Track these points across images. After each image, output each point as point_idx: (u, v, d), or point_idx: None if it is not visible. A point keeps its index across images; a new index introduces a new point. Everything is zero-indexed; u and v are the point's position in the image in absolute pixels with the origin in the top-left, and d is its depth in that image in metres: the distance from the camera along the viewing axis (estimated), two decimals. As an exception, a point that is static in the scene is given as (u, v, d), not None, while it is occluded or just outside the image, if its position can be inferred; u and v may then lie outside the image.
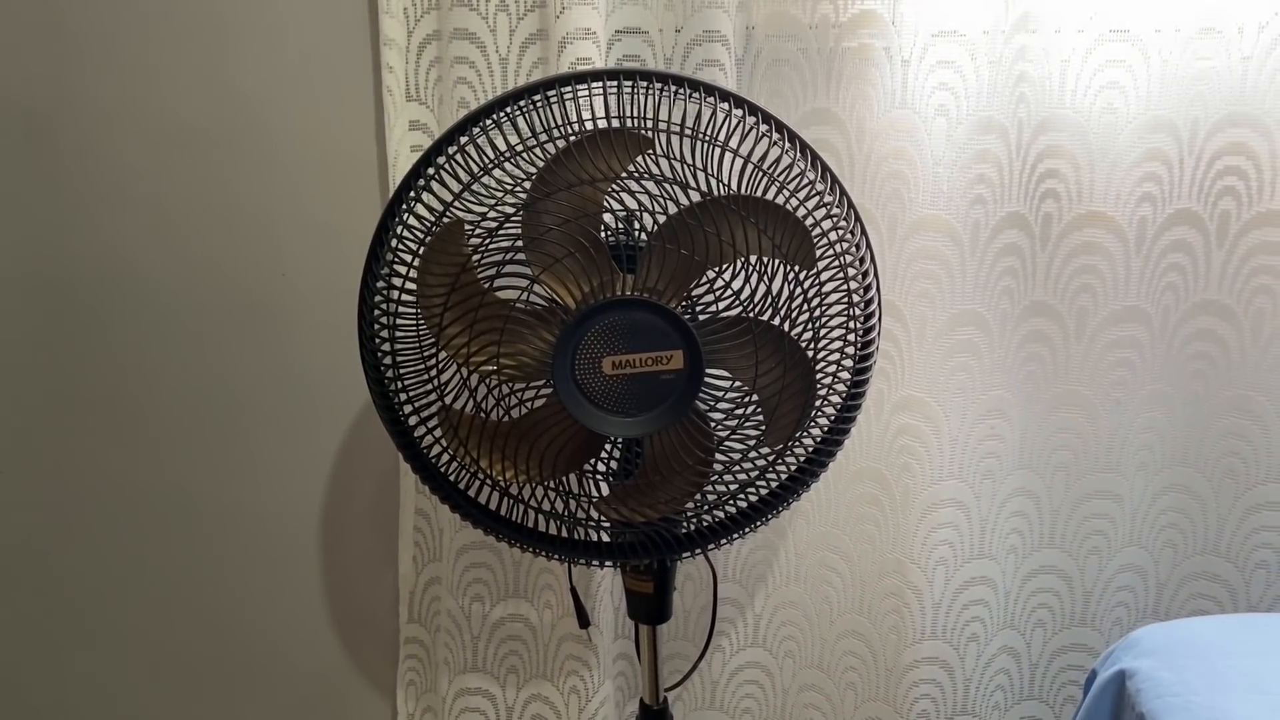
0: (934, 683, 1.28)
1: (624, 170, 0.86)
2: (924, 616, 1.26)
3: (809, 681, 1.32)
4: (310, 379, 1.31)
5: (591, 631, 1.25)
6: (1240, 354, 1.19)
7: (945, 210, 1.13)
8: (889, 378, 1.19)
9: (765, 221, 0.87)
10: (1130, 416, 1.21)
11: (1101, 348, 1.19)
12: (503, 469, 0.92)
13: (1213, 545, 1.25)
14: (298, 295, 1.28)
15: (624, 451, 0.97)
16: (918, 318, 1.17)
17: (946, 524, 1.24)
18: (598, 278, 0.86)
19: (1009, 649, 1.29)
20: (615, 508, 0.95)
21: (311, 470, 1.34)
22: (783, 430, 0.93)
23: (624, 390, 0.87)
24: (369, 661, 1.41)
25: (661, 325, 0.86)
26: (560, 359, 0.86)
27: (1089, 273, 1.16)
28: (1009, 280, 1.17)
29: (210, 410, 1.34)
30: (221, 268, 1.28)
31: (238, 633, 1.42)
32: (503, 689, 1.29)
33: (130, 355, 1.32)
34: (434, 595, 1.33)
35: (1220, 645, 0.91)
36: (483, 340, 0.87)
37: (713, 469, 0.93)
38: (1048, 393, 1.21)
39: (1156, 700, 0.85)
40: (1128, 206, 1.14)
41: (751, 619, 1.31)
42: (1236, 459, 1.22)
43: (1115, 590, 1.27)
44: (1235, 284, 1.17)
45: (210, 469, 1.36)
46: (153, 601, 1.42)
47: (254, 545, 1.38)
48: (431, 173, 0.87)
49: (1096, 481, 1.24)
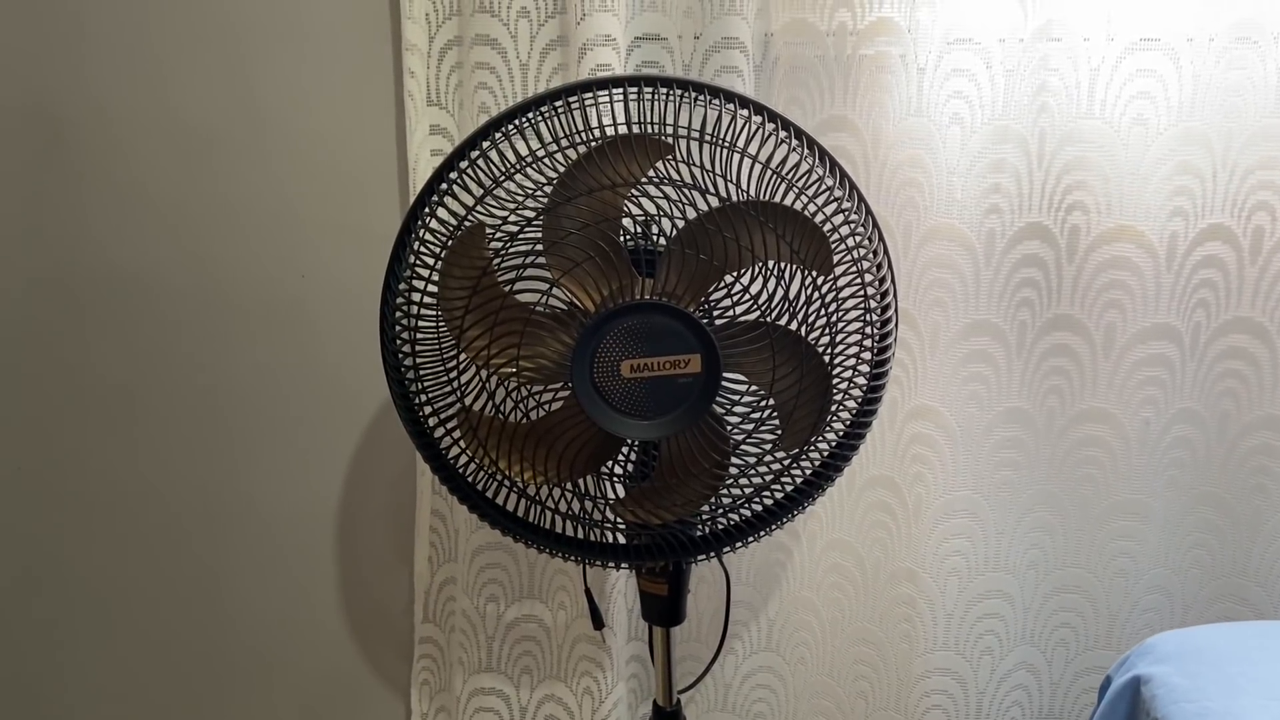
0: (945, 694, 1.28)
1: (643, 175, 0.86)
2: (935, 626, 1.26)
3: (820, 688, 1.32)
4: (328, 380, 1.32)
5: (605, 633, 1.26)
6: (1273, 372, 1.17)
7: (959, 219, 1.13)
8: (902, 386, 1.19)
9: (783, 227, 0.87)
10: (1159, 434, 1.20)
11: (1130, 365, 1.18)
12: (520, 470, 0.93)
13: (1242, 567, 1.23)
14: (317, 297, 1.29)
15: (640, 454, 0.97)
16: (931, 326, 1.17)
17: (959, 534, 1.23)
18: (616, 281, 0.87)
19: (1028, 665, 1.28)
20: (631, 510, 0.95)
21: (328, 470, 1.36)
22: (798, 435, 0.93)
23: (641, 393, 0.88)
24: (384, 660, 1.42)
25: (679, 329, 0.87)
26: (579, 362, 0.87)
27: (1117, 288, 1.15)
28: (1029, 291, 1.16)
29: (229, 410, 1.35)
30: (241, 270, 1.29)
31: (253, 631, 1.43)
32: (516, 689, 1.30)
33: (150, 356, 1.34)
34: (449, 595, 1.34)
35: (1235, 652, 0.91)
36: (503, 343, 0.88)
37: (728, 472, 0.94)
38: (1073, 408, 1.20)
39: (1171, 706, 0.85)
40: (1158, 221, 1.13)
41: (765, 623, 1.32)
42: (1268, 477, 1.20)
43: (1142, 612, 1.26)
44: (1270, 301, 1.15)
45: (228, 468, 1.37)
46: (168, 599, 1.43)
47: (271, 544, 1.39)
48: (454, 177, 0.88)
49: (1124, 500, 1.22)
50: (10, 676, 1.48)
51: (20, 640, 1.47)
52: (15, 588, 1.44)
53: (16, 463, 1.38)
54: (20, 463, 1.38)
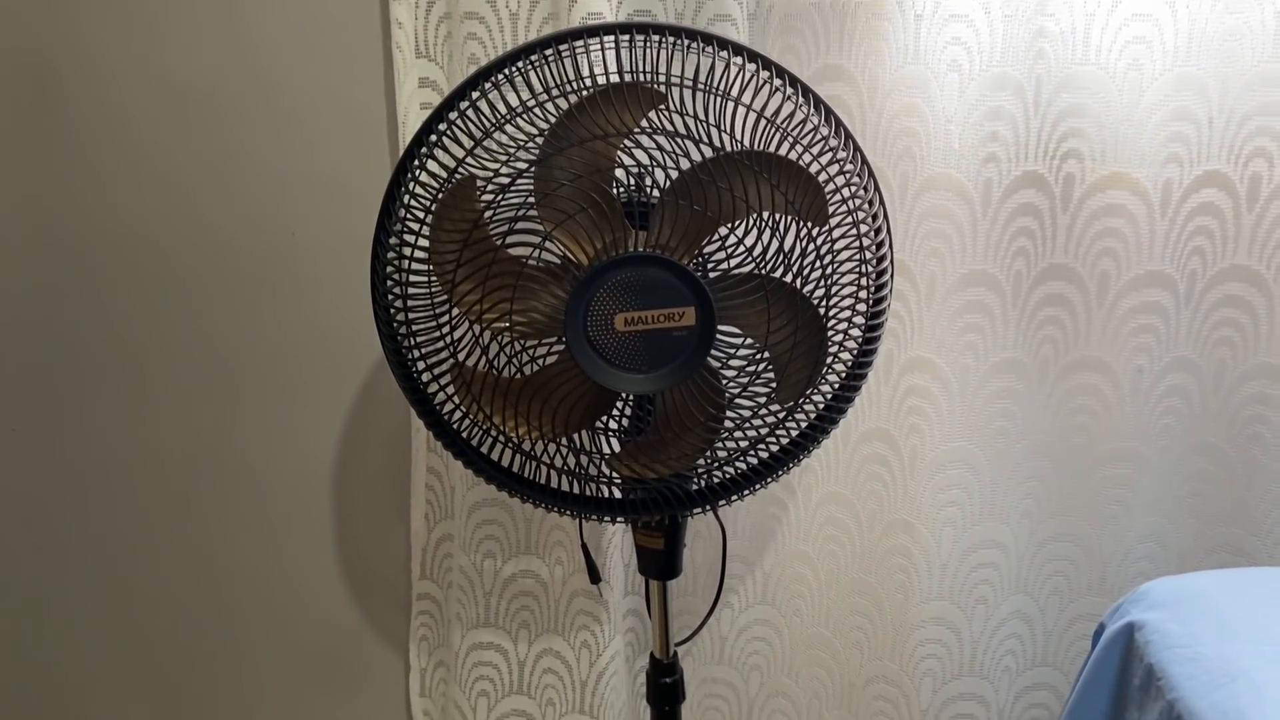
0: (940, 643, 1.29)
1: (636, 125, 0.85)
2: (931, 577, 1.27)
3: (816, 639, 1.33)
4: (321, 338, 1.31)
5: (602, 587, 1.26)
6: (1269, 321, 1.16)
7: (956, 168, 1.12)
8: (898, 338, 1.19)
9: (778, 177, 0.86)
10: (1153, 382, 1.19)
11: (1124, 313, 1.17)
12: (515, 425, 0.93)
13: (1237, 515, 1.23)
14: (307, 254, 1.28)
15: (635, 408, 0.97)
16: (927, 277, 1.16)
17: (955, 485, 1.24)
18: (610, 234, 0.86)
19: (1022, 614, 1.29)
20: (627, 464, 0.95)
21: (323, 429, 1.35)
22: (793, 387, 0.93)
23: (636, 347, 0.88)
24: (382, 617, 1.43)
25: (674, 282, 0.86)
26: (572, 315, 0.86)
27: (1112, 236, 1.14)
28: (1024, 241, 1.15)
29: (221, 369, 1.34)
30: (230, 226, 1.28)
31: (250, 589, 1.43)
32: (515, 643, 1.31)
33: (139, 314, 1.33)
34: (446, 552, 1.34)
35: (1230, 598, 0.91)
36: (495, 297, 0.87)
37: (724, 426, 0.93)
38: (1067, 356, 1.19)
39: (1165, 651, 0.86)
40: (1153, 168, 1.12)
41: (760, 576, 1.32)
42: (1264, 426, 1.20)
43: (1135, 560, 1.26)
44: (1266, 249, 1.14)
45: (221, 427, 1.37)
46: (165, 557, 1.43)
47: (266, 503, 1.40)
48: (443, 129, 0.87)
49: (1117, 448, 1.22)
50: (6, 637, 1.49)
51: (16, 601, 1.48)
52: (10, 547, 1.45)
53: (10, 424, 1.38)
54: (14, 424, 1.38)
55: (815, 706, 1.35)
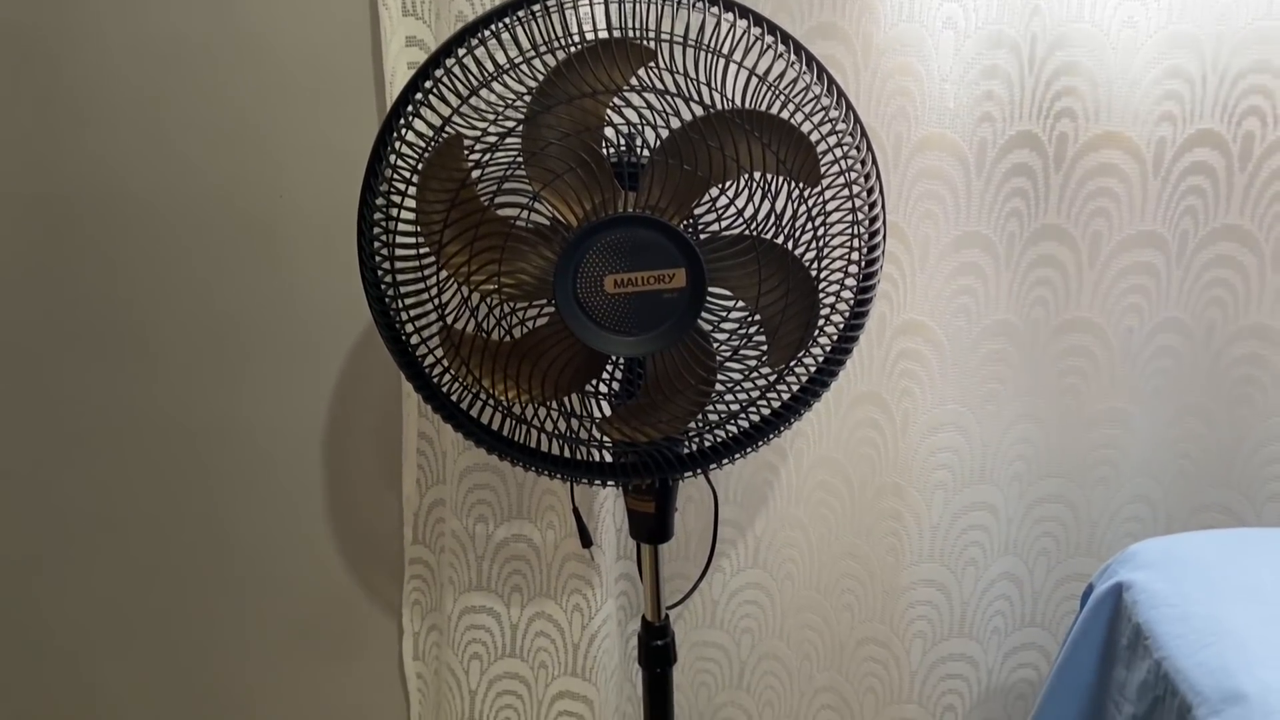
0: (930, 604, 1.30)
1: (625, 83, 0.84)
2: (921, 539, 1.27)
3: (807, 602, 1.34)
4: (311, 300, 1.30)
5: (594, 551, 1.27)
6: (1261, 280, 1.16)
7: (951, 128, 1.11)
8: (891, 301, 1.18)
9: (770, 136, 0.85)
10: (1143, 343, 1.19)
11: (1115, 273, 1.16)
12: (505, 389, 0.92)
13: (1225, 477, 1.23)
14: (296, 215, 1.26)
15: (626, 371, 0.97)
16: (921, 239, 1.15)
17: (946, 448, 1.24)
18: (599, 195, 0.85)
19: (1011, 575, 1.29)
20: (617, 427, 0.95)
21: (314, 393, 1.35)
22: (785, 350, 0.93)
23: (626, 309, 0.87)
24: (375, 581, 1.43)
25: (664, 243, 0.85)
26: (561, 277, 0.86)
27: (1104, 196, 1.13)
28: (1018, 201, 1.14)
29: (208, 332, 1.33)
30: (218, 187, 1.26)
31: (242, 555, 1.43)
32: (507, 607, 1.31)
33: (127, 276, 1.32)
34: (438, 517, 1.34)
35: (1219, 558, 0.91)
36: (483, 258, 0.86)
37: (714, 389, 0.93)
38: (1058, 318, 1.19)
39: (1153, 610, 0.86)
40: (1146, 126, 1.11)
41: (752, 540, 1.33)
42: (1254, 387, 1.20)
43: (1123, 521, 1.26)
44: (1259, 208, 1.13)
45: (210, 391, 1.36)
46: (157, 522, 1.43)
47: (257, 468, 1.39)
48: (429, 86, 0.86)
49: (1107, 409, 1.22)
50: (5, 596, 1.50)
51: (11, 560, 1.48)
52: (4, 508, 1.44)
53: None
54: (3, 385, 1.37)
55: (806, 668, 1.36)
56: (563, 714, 1.32)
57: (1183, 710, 0.78)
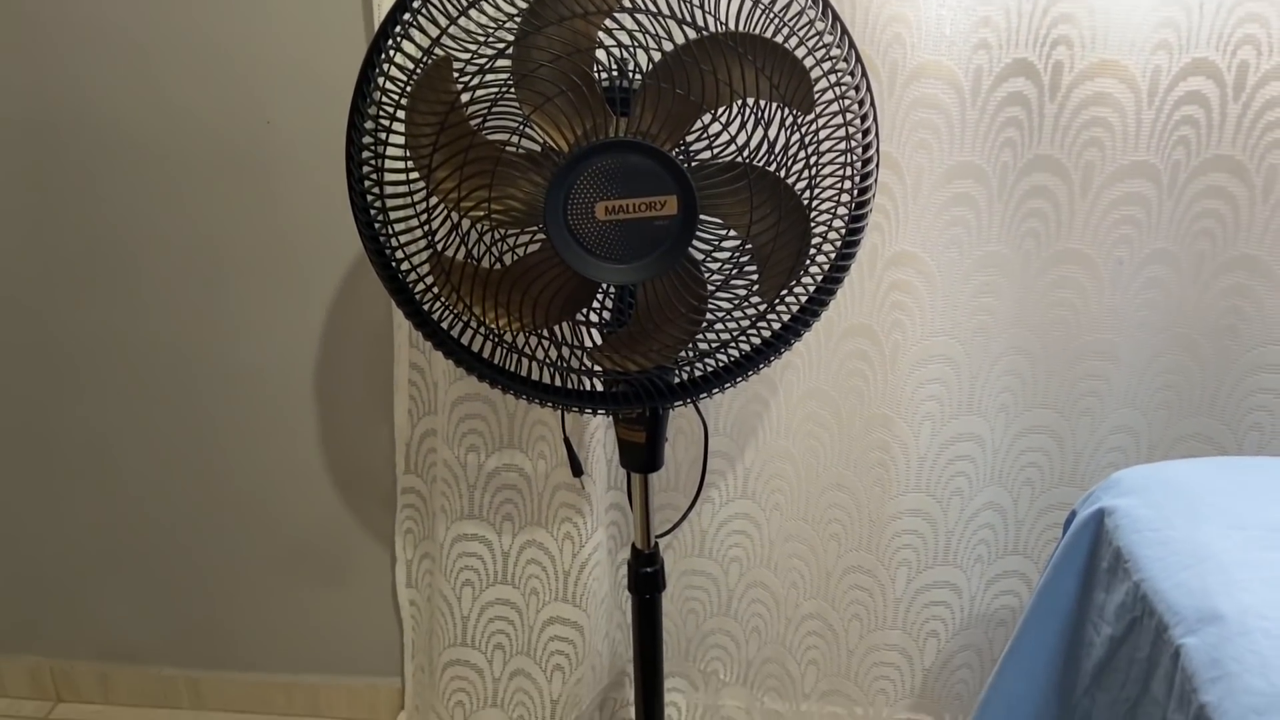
0: (915, 534, 1.32)
1: (617, 4, 0.82)
2: (908, 470, 1.28)
3: (794, 532, 1.36)
4: (300, 230, 1.29)
5: (584, 480, 1.28)
6: (1250, 212, 1.15)
7: (947, 55, 1.09)
8: (883, 232, 1.18)
9: (764, 61, 0.84)
10: (1132, 275, 1.19)
11: (1107, 204, 1.16)
12: (496, 317, 0.92)
13: (1208, 406, 1.24)
14: (284, 142, 1.25)
15: (617, 300, 0.97)
16: (914, 169, 1.14)
17: (935, 379, 1.25)
18: (590, 120, 0.84)
19: (995, 505, 1.31)
20: (608, 356, 0.95)
21: (304, 324, 1.34)
22: (775, 280, 0.92)
23: (617, 236, 0.87)
24: (368, 511, 1.44)
25: (656, 169, 0.85)
26: (552, 204, 0.85)
27: (1098, 126, 1.12)
28: (1012, 131, 1.13)
29: (197, 263, 1.33)
30: (204, 116, 1.25)
31: (236, 485, 1.44)
32: (498, 535, 1.33)
33: (115, 205, 1.30)
34: (430, 447, 1.35)
35: (1200, 485, 0.92)
36: (473, 183, 0.85)
37: (705, 317, 0.93)
38: (1048, 249, 1.18)
39: (1134, 535, 0.87)
40: (1142, 55, 1.09)
41: (741, 471, 1.34)
42: (1238, 318, 1.20)
43: (1106, 451, 1.27)
44: (1251, 139, 1.12)
45: (200, 324, 1.36)
46: (151, 454, 1.44)
47: (249, 399, 1.39)
48: (417, 6, 0.84)
49: (1093, 341, 1.22)
50: (3, 526, 1.51)
51: (12, 492, 1.49)
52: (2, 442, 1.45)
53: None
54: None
55: (793, 596, 1.38)
56: (554, 639, 1.35)
57: (1159, 630, 0.80)
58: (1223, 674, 0.71)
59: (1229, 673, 0.71)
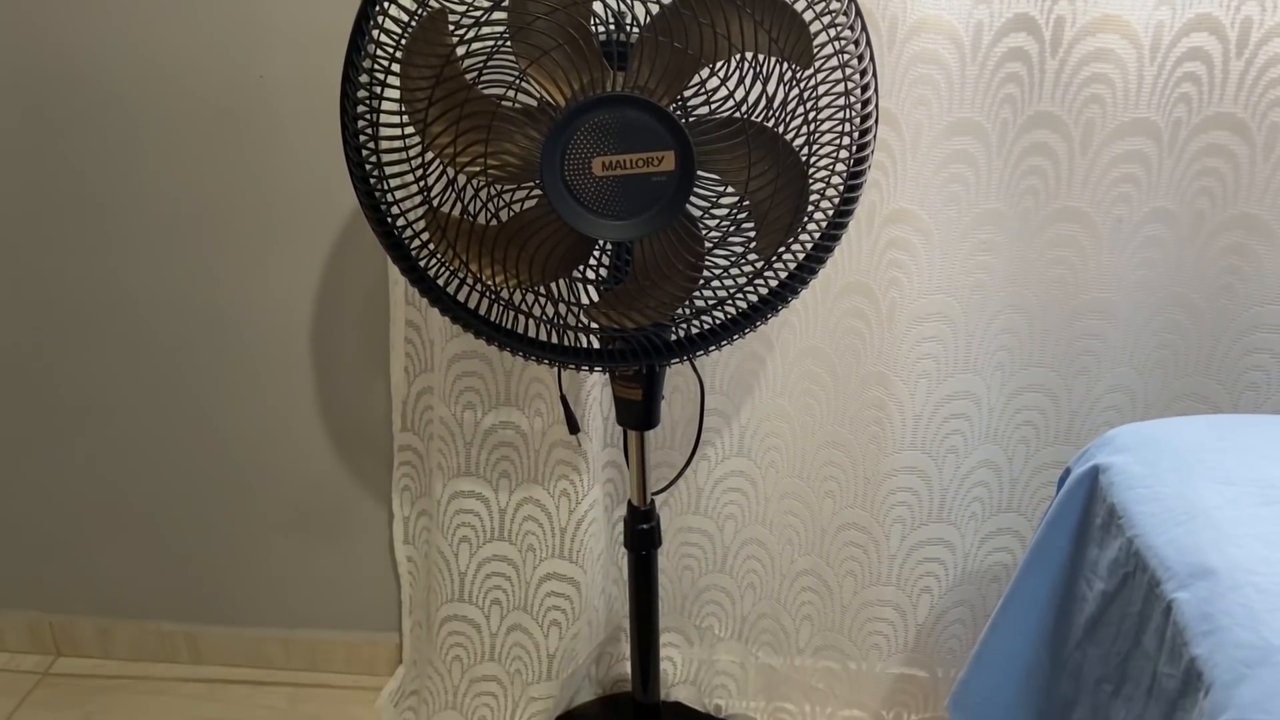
0: (910, 491, 1.32)
1: (615, -45, 0.81)
2: (904, 428, 1.29)
3: (790, 489, 1.36)
4: (294, 186, 1.28)
5: (581, 438, 1.28)
6: (1250, 170, 1.14)
7: (947, 9, 1.08)
8: (881, 189, 1.17)
9: (763, 15, 0.83)
10: (1130, 232, 1.18)
11: (1106, 162, 1.14)
12: (492, 273, 0.92)
13: (1204, 366, 1.24)
14: (278, 97, 1.23)
15: (613, 257, 0.96)
16: (913, 125, 1.13)
17: (931, 338, 1.24)
18: (587, 74, 0.83)
19: (989, 463, 1.32)
20: (605, 313, 0.95)
21: (299, 282, 1.34)
22: (773, 237, 0.92)
23: (614, 192, 0.86)
24: (365, 468, 1.45)
25: (653, 124, 0.84)
26: (548, 159, 0.84)
27: (1100, 82, 1.11)
28: (1012, 87, 1.12)
29: (190, 218, 1.32)
30: (196, 72, 1.23)
31: (233, 442, 1.45)
32: (495, 492, 1.33)
33: (106, 162, 1.29)
34: (426, 404, 1.35)
35: (1193, 442, 0.93)
36: (469, 138, 0.85)
37: (702, 275, 0.93)
38: (1047, 207, 1.17)
39: (1128, 491, 0.88)
40: (1144, 10, 1.07)
41: (737, 429, 1.34)
42: (1236, 278, 1.19)
43: (1102, 410, 1.27)
44: (1253, 96, 1.11)
45: (196, 280, 1.35)
46: (148, 412, 1.44)
47: (244, 358, 1.39)
48: (411, -43, 0.83)
49: (1091, 299, 1.21)
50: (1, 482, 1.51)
51: (10, 448, 1.49)
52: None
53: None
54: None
55: (788, 552, 1.40)
56: (550, 594, 1.36)
57: (1151, 584, 0.81)
58: (1213, 628, 0.72)
59: (1219, 626, 0.72)
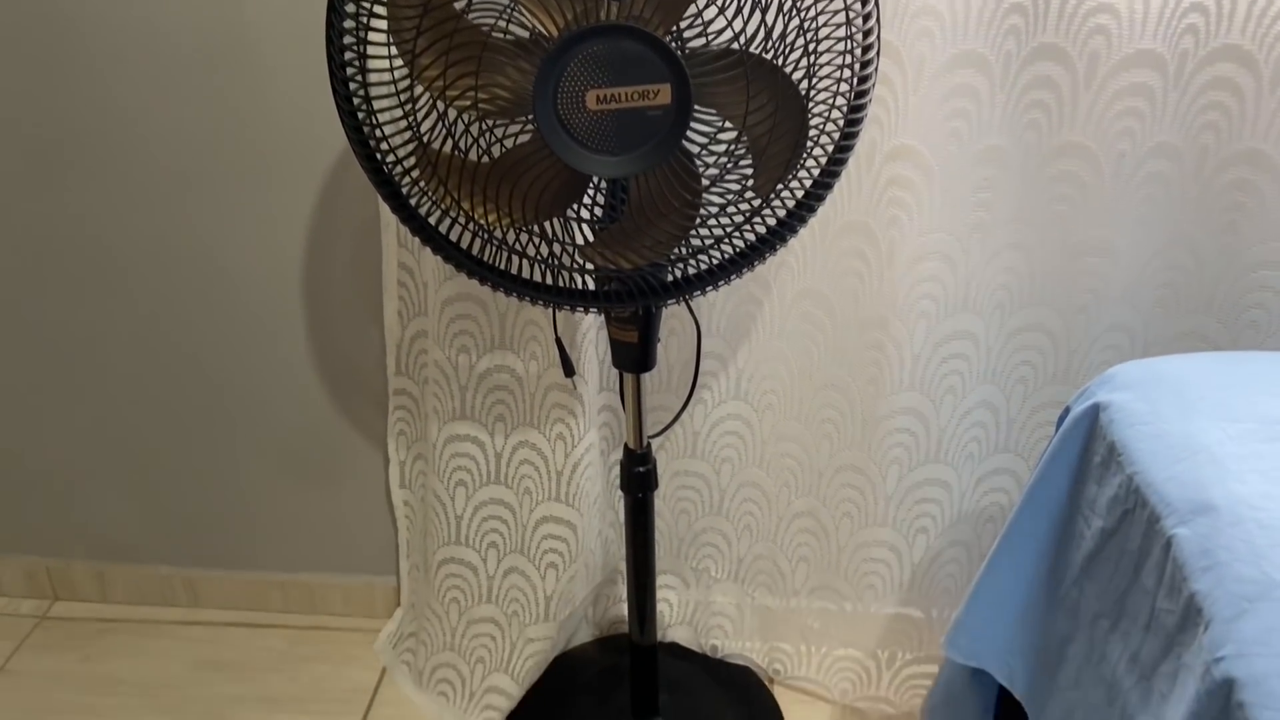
0: (908, 432, 1.32)
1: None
2: (902, 369, 1.28)
3: (787, 432, 1.36)
4: (282, 126, 1.26)
5: (576, 381, 1.27)
6: (1256, 104, 1.12)
7: (953, -63, 1.05)
8: (882, 125, 1.15)
9: (761, -61, 0.80)
10: (1133, 168, 1.16)
11: (1110, 95, 1.12)
12: (485, 211, 0.90)
13: (1205, 304, 1.23)
14: (262, 31, 1.20)
15: (608, 195, 0.94)
16: (916, 59, 1.11)
17: (931, 278, 1.23)
18: (580, 3, 0.81)
19: (987, 403, 1.31)
20: (600, 253, 0.93)
21: (290, 224, 1.32)
22: (771, 173, 0.90)
23: (609, 127, 0.84)
24: (360, 413, 1.44)
25: (649, 56, 0.81)
26: (541, 92, 0.82)
27: (1105, 11, 1.08)
28: (1016, 18, 1.09)
29: (179, 161, 1.29)
30: (177, 9, 1.20)
31: (228, 386, 1.44)
32: (491, 436, 1.33)
33: (91, 105, 1.26)
34: (421, 348, 1.34)
35: (1195, 379, 0.92)
36: (458, 70, 0.82)
37: (699, 213, 0.91)
38: (1050, 142, 1.15)
39: (1128, 429, 0.87)
40: (1151, -62, 1.05)
41: (734, 372, 1.34)
42: (1240, 214, 1.17)
43: (1101, 349, 1.26)
44: (1260, 28, 1.08)
45: (186, 223, 1.33)
46: (139, 360, 1.43)
47: (237, 302, 1.38)
48: (396, -121, 0.80)
49: (1093, 237, 1.20)
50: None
51: (4, 394, 1.48)
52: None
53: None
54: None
55: (784, 494, 1.40)
56: (547, 537, 1.36)
57: (1151, 521, 0.81)
58: (1214, 563, 0.72)
59: (1220, 562, 0.72)
